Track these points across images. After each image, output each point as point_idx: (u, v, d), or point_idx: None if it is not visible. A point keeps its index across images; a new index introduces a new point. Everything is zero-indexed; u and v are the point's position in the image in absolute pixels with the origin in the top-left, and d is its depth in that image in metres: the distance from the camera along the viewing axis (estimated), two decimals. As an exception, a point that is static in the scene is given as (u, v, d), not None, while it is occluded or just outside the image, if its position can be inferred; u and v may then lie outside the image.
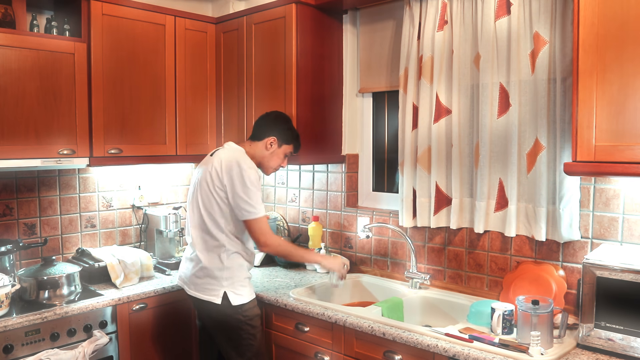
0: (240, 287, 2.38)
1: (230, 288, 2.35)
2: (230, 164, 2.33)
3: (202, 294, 2.38)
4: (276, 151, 2.49)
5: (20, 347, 2.27)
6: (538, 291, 2.21)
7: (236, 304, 2.34)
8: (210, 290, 2.36)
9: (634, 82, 1.71)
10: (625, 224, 2.09)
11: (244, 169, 2.31)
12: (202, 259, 2.38)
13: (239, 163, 2.32)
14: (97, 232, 3.10)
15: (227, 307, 2.34)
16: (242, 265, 2.41)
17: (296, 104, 2.79)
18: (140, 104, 2.89)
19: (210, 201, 2.35)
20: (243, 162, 2.33)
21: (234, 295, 2.34)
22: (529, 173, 2.28)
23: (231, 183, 2.31)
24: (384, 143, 3.05)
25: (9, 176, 2.76)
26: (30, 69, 2.49)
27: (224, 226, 2.35)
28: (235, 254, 2.37)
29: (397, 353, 2.08)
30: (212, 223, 2.35)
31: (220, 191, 2.33)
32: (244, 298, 2.37)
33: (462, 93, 2.47)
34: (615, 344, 1.80)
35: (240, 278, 2.39)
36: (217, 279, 2.36)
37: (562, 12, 2.15)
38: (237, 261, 2.38)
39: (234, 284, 2.36)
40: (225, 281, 2.35)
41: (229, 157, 2.36)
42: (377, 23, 2.94)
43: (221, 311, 2.35)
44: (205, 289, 2.38)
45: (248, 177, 2.30)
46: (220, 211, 2.34)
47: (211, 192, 2.35)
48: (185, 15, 3.06)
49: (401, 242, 2.81)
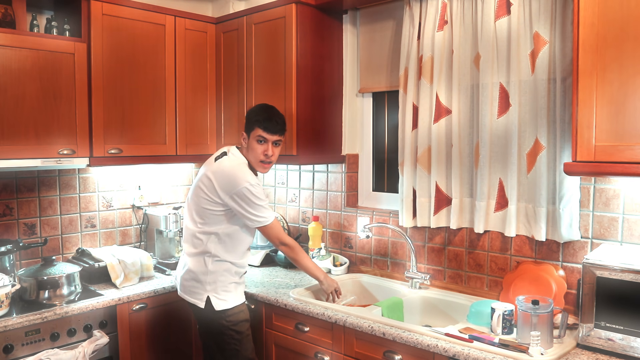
0: (224, 292, 2.35)
1: (213, 293, 2.34)
2: (232, 180, 2.28)
3: (188, 297, 2.40)
4: (250, 144, 2.38)
5: (20, 347, 2.27)
6: (538, 291, 2.21)
7: (219, 309, 2.33)
8: (196, 294, 2.37)
9: (633, 82, 1.71)
10: (625, 224, 2.09)
11: (246, 188, 2.27)
12: (189, 261, 2.39)
13: (246, 182, 2.27)
14: (97, 232, 3.10)
15: (210, 311, 2.34)
16: (229, 270, 2.37)
17: (296, 104, 2.79)
18: (140, 104, 2.89)
19: (202, 207, 2.34)
20: (245, 180, 2.28)
21: (217, 300, 2.33)
22: (529, 173, 2.28)
23: (234, 201, 2.28)
24: (384, 143, 3.05)
25: (9, 176, 2.76)
26: (30, 69, 2.49)
27: (211, 232, 2.34)
28: (221, 261, 2.35)
29: (397, 353, 2.08)
30: (200, 227, 2.35)
31: (213, 202, 2.31)
32: (228, 303, 2.35)
33: (462, 93, 2.47)
34: (615, 344, 1.80)
35: (224, 283, 2.36)
36: (202, 282, 2.35)
37: (562, 12, 2.15)
38: (223, 266, 2.36)
39: (217, 289, 2.34)
40: (208, 285, 2.34)
41: (230, 173, 2.30)
42: (377, 23, 2.94)
43: (205, 315, 2.36)
44: (191, 292, 2.38)
45: (252, 194, 2.28)
46: (210, 217, 2.33)
47: (205, 198, 2.32)
48: (185, 15, 3.06)
49: (401, 242, 2.81)
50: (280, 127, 2.39)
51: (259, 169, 2.42)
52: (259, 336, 2.62)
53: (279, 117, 2.40)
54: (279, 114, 2.42)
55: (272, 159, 2.39)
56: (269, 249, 3.21)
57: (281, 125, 2.40)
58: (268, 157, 2.37)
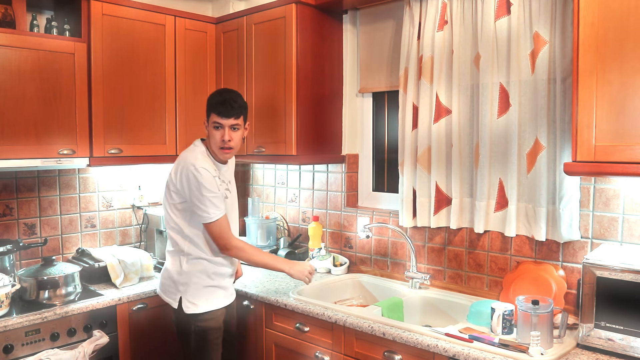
0: (196, 295, 2.27)
1: (185, 295, 2.27)
2: (184, 167, 2.22)
3: (164, 296, 2.36)
4: (209, 131, 2.29)
5: (21, 347, 2.27)
6: (538, 291, 2.21)
7: (189, 313, 2.27)
8: (170, 293, 2.32)
9: (633, 82, 1.71)
10: (625, 224, 2.09)
11: (193, 172, 2.18)
12: (167, 260, 2.35)
13: (191, 166, 2.19)
14: (97, 232, 3.10)
15: (181, 313, 2.28)
16: (205, 271, 2.29)
17: (296, 104, 2.79)
18: (140, 104, 2.89)
19: (170, 204, 2.29)
20: (196, 164, 2.19)
21: (187, 303, 2.27)
22: (529, 173, 2.28)
23: (183, 188, 2.22)
24: (384, 143, 3.05)
25: (9, 176, 2.76)
26: (31, 69, 2.49)
27: (183, 230, 2.28)
28: (196, 259, 2.28)
29: (397, 353, 2.08)
30: (173, 226, 2.30)
31: (175, 195, 2.25)
32: (198, 308, 2.27)
33: (462, 93, 2.47)
34: (615, 344, 1.80)
35: (197, 286, 2.28)
36: (175, 283, 2.30)
37: (562, 12, 2.15)
38: (197, 267, 2.28)
39: (189, 291, 2.27)
40: (181, 286, 2.28)
41: (185, 159, 2.24)
42: (377, 23, 2.94)
43: (177, 314, 2.32)
44: (167, 290, 2.34)
45: (197, 180, 2.17)
46: (178, 215, 2.28)
47: (171, 194, 2.28)
48: (185, 15, 3.06)
49: (401, 242, 2.81)
50: (235, 110, 2.24)
51: (220, 155, 2.31)
52: (259, 336, 2.62)
53: (234, 101, 2.25)
54: (236, 97, 2.28)
55: (230, 144, 2.27)
56: (269, 249, 3.20)
57: (237, 109, 2.25)
58: (225, 142, 2.25)
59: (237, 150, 2.34)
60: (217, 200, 2.21)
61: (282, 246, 3.19)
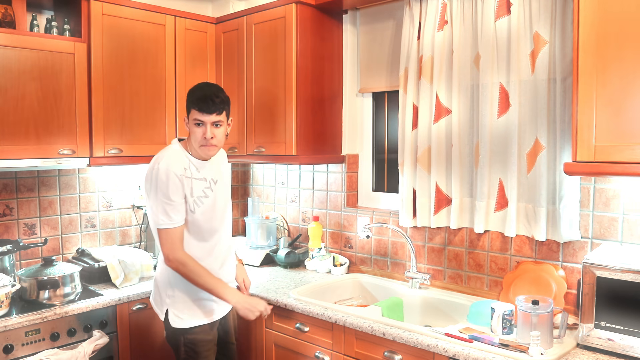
0: (183, 309, 2.17)
1: (172, 307, 2.18)
2: (150, 166, 2.10)
3: (153, 305, 2.30)
4: (189, 127, 2.14)
5: (21, 347, 2.27)
6: (538, 291, 2.21)
7: (175, 327, 2.17)
8: (158, 303, 2.25)
9: (633, 82, 1.71)
10: (625, 224, 2.09)
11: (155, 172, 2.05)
12: (157, 269, 2.28)
13: (156, 164, 2.07)
14: (97, 232, 3.10)
15: (168, 325, 2.20)
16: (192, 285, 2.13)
17: (296, 104, 2.79)
18: (140, 103, 2.89)
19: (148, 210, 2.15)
20: (160, 165, 2.05)
21: (173, 317, 2.17)
22: (529, 173, 2.28)
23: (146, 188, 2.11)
24: (384, 143, 3.05)
25: (9, 176, 2.76)
26: (30, 69, 2.49)
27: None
28: None
29: (397, 353, 2.08)
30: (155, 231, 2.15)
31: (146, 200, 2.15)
32: (185, 322, 2.16)
33: (462, 93, 2.47)
34: (615, 344, 1.80)
35: (184, 299, 2.16)
36: (161, 293, 2.21)
37: (562, 12, 2.15)
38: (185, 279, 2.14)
39: (176, 304, 2.17)
40: (168, 299, 2.18)
41: (155, 158, 2.13)
42: (377, 23, 2.94)
43: (165, 326, 2.24)
44: (155, 300, 2.28)
45: (156, 181, 2.04)
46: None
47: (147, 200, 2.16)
48: (185, 15, 3.06)
49: (401, 242, 2.81)
50: (217, 106, 2.08)
51: (201, 153, 2.15)
52: (259, 336, 2.62)
53: (215, 96, 2.08)
54: (217, 92, 2.12)
55: (213, 141, 2.11)
56: (269, 249, 3.21)
57: (219, 104, 2.08)
58: (207, 139, 2.10)
59: (221, 146, 2.19)
60: (170, 209, 2.05)
61: (282, 246, 3.19)
